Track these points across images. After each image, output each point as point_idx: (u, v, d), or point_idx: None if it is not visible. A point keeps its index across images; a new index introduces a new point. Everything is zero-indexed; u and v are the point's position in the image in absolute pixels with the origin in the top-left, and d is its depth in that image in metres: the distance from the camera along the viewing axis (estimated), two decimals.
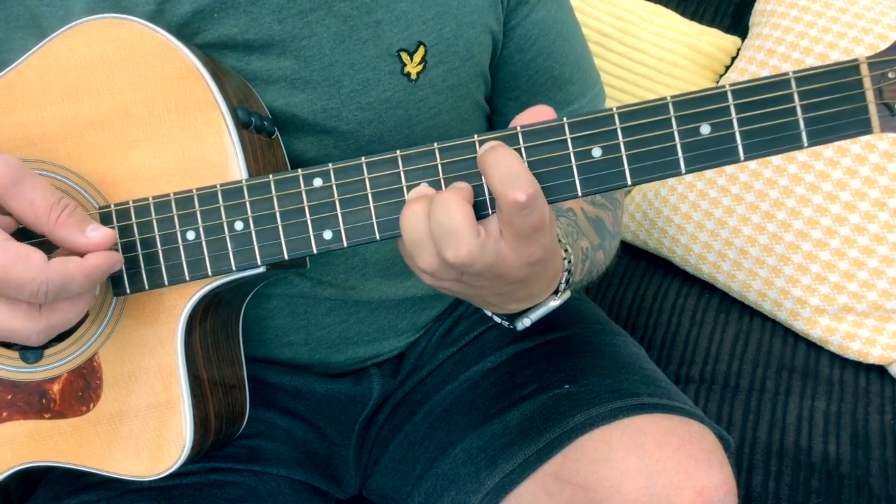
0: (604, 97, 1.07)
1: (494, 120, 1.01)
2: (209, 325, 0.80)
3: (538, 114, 0.66)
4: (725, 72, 1.58)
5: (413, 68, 0.86)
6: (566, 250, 0.79)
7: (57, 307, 0.67)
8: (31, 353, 0.77)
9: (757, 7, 1.55)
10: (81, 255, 0.68)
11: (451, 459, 0.92)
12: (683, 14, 1.63)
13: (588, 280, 0.91)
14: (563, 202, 0.93)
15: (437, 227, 0.62)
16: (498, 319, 0.85)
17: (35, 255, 0.64)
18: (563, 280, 0.78)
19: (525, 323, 0.81)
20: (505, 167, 0.62)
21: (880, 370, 1.30)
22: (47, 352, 0.77)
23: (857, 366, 1.30)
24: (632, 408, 0.85)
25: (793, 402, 1.23)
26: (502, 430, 0.89)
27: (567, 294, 0.80)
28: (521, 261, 0.64)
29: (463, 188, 0.65)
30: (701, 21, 1.63)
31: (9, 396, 0.78)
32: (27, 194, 0.66)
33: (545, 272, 0.70)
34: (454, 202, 0.62)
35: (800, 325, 1.32)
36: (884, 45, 1.32)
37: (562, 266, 0.77)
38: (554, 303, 0.79)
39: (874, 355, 1.27)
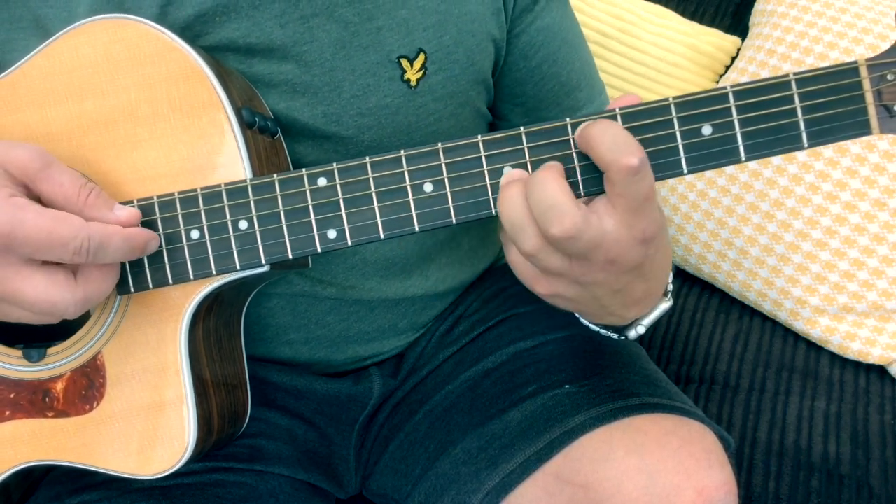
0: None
1: (499, 125, 1.01)
2: (212, 323, 0.80)
3: (627, 101, 0.66)
4: (725, 72, 1.58)
5: (413, 75, 0.86)
6: None
7: (91, 276, 0.68)
8: (34, 351, 0.77)
9: (757, 7, 1.55)
10: None
11: (452, 459, 0.92)
12: (683, 14, 1.63)
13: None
14: None
15: (538, 206, 0.62)
16: (606, 332, 0.84)
17: (73, 216, 0.66)
18: (670, 280, 0.78)
19: (639, 330, 0.80)
20: (611, 135, 0.62)
21: (880, 370, 1.30)
22: (50, 350, 0.77)
23: (857, 366, 1.30)
24: (632, 408, 0.85)
25: (793, 402, 1.23)
26: (503, 429, 0.89)
27: (670, 294, 0.80)
28: (634, 237, 0.63)
29: (555, 166, 0.65)
30: (701, 21, 1.63)
31: (12, 395, 0.78)
32: (56, 177, 0.68)
33: (660, 258, 0.69)
34: (550, 179, 0.62)
35: (800, 325, 1.32)
36: (884, 46, 1.33)
37: (671, 258, 0.77)
38: (666, 304, 0.78)
39: (874, 355, 1.28)
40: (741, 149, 0.64)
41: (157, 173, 0.74)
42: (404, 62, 0.85)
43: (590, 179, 0.66)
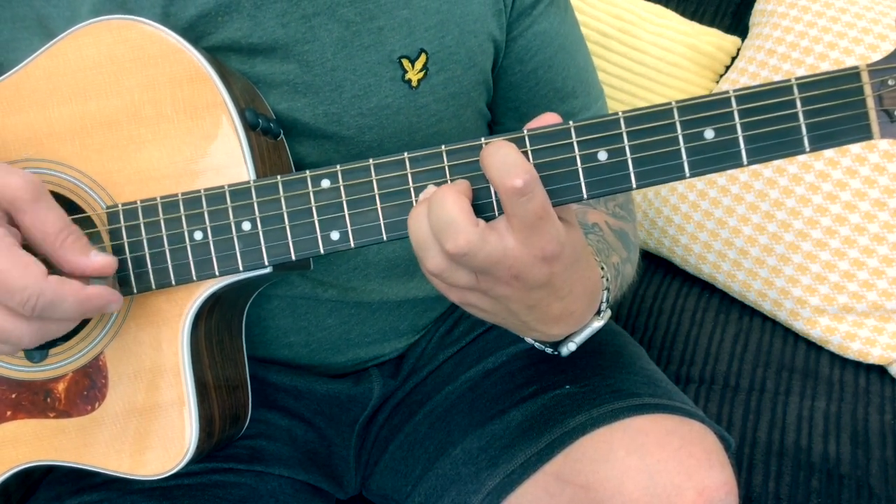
0: (606, 112, 1.06)
1: (494, 129, 1.01)
2: (214, 324, 0.80)
3: (547, 120, 0.67)
4: (725, 72, 1.58)
5: (414, 75, 0.86)
6: (602, 268, 0.79)
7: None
8: (36, 352, 0.77)
9: (757, 7, 1.55)
10: (82, 280, 0.68)
11: (452, 459, 0.92)
12: (683, 14, 1.63)
13: (620, 295, 0.90)
14: (588, 218, 0.93)
15: (436, 222, 0.62)
16: (540, 346, 0.84)
17: (36, 266, 0.65)
18: (604, 299, 0.78)
19: (570, 347, 0.81)
20: (500, 157, 0.62)
21: (880, 370, 1.30)
22: (52, 351, 0.77)
23: (857, 366, 1.30)
24: (632, 408, 0.85)
25: (793, 402, 1.23)
26: (503, 430, 0.89)
27: (608, 313, 0.80)
28: (534, 255, 0.64)
29: (459, 183, 0.66)
30: (701, 21, 1.64)
31: (13, 395, 0.78)
32: (42, 214, 0.67)
33: (574, 277, 0.69)
34: (449, 195, 0.62)
35: (800, 325, 1.32)
36: (884, 46, 1.33)
37: (601, 284, 0.77)
38: (598, 323, 0.79)
39: (874, 355, 1.28)
40: (743, 153, 0.64)
41: (161, 174, 0.74)
42: (405, 62, 0.85)
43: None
